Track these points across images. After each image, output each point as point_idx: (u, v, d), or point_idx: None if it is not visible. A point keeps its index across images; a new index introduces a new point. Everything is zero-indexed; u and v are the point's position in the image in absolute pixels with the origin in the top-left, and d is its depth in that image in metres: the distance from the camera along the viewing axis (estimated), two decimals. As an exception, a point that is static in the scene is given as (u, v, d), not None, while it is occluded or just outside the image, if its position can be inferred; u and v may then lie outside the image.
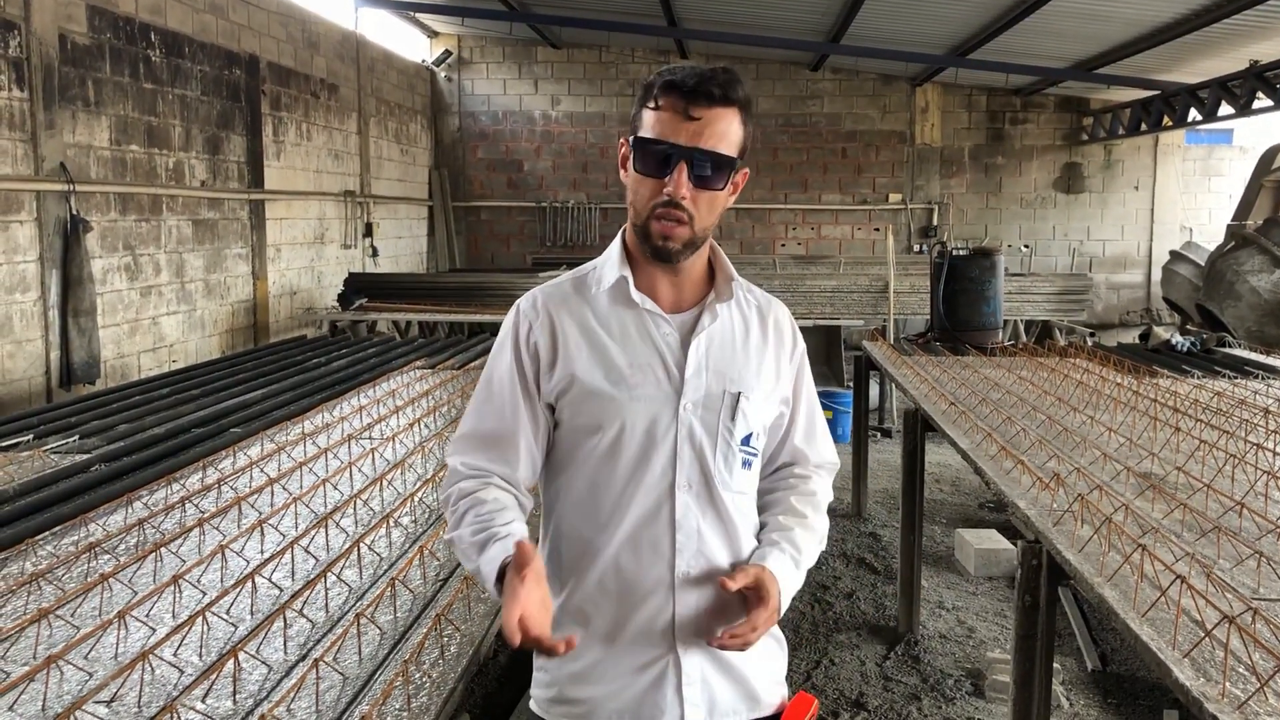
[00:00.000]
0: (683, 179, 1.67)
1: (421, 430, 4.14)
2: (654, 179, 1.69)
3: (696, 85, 1.66)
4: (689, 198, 1.68)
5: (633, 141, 1.71)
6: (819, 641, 5.13)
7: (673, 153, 1.67)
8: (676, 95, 1.67)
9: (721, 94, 1.67)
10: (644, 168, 1.70)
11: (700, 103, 1.66)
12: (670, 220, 1.69)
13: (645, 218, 1.72)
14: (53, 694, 1.86)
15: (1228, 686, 1.84)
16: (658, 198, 1.69)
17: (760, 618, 1.67)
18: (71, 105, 7.43)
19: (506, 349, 1.82)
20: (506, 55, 16.02)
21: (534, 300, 1.84)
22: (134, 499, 3.17)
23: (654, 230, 1.71)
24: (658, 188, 1.69)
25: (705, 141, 1.67)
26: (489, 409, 1.81)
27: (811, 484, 1.92)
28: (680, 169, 1.67)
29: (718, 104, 1.67)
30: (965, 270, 6.70)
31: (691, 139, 1.66)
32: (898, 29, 12.48)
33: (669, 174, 1.67)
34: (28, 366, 7.01)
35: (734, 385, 1.78)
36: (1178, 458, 3.54)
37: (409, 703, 1.83)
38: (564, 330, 1.78)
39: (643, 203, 1.72)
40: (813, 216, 16.10)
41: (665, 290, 1.81)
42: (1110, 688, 4.62)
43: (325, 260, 11.90)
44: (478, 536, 1.67)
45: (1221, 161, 15.91)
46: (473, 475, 1.78)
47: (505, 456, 1.79)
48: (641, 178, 1.71)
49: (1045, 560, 2.81)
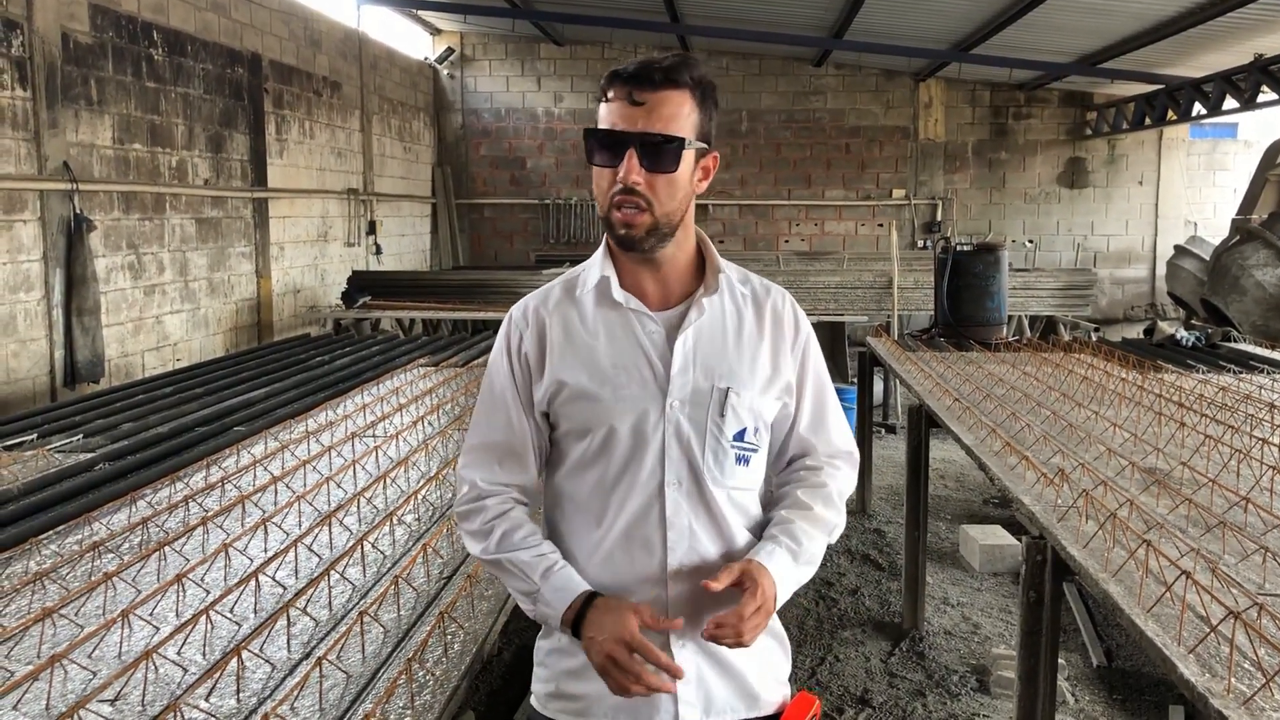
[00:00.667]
0: (633, 164, 1.66)
1: (425, 428, 4.14)
2: (608, 169, 1.70)
3: (637, 70, 1.67)
4: (643, 182, 1.67)
5: (585, 135, 1.72)
6: (823, 638, 5.12)
7: (619, 138, 1.67)
8: (620, 83, 1.68)
9: (664, 76, 1.67)
10: (596, 158, 1.71)
11: (644, 87, 1.67)
12: (629, 208, 1.69)
13: (607, 208, 1.72)
14: (57, 693, 1.86)
15: (1233, 682, 1.83)
16: (614, 187, 1.69)
17: (749, 608, 1.64)
18: (74, 104, 7.43)
19: (503, 360, 1.83)
20: (509, 52, 16.01)
21: (524, 309, 1.84)
22: (138, 498, 3.18)
23: (615, 220, 1.71)
24: (612, 177, 1.69)
25: (651, 125, 1.66)
26: (496, 420, 1.82)
27: (821, 476, 1.88)
28: (629, 155, 1.66)
29: (662, 87, 1.67)
30: (969, 266, 6.69)
31: (636, 123, 1.67)
32: (900, 24, 12.46)
33: (620, 162, 1.68)
34: (32, 366, 7.02)
35: (723, 380, 1.77)
36: (1183, 453, 3.53)
37: (413, 701, 1.83)
38: (551, 336, 1.79)
39: (602, 194, 1.72)
40: (816, 212, 16.09)
41: (651, 287, 1.80)
42: (1116, 683, 4.62)
43: (329, 258, 11.91)
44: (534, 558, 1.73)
45: (1226, 155, 15.88)
46: (494, 493, 1.79)
47: (517, 466, 1.81)
48: (598, 170, 1.71)
49: (1050, 556, 2.80)
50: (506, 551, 1.74)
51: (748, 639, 1.66)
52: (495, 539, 1.75)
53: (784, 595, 1.74)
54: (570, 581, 1.70)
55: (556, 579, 1.70)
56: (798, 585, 1.78)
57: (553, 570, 1.71)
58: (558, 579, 1.70)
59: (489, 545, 1.75)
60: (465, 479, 1.82)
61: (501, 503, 1.78)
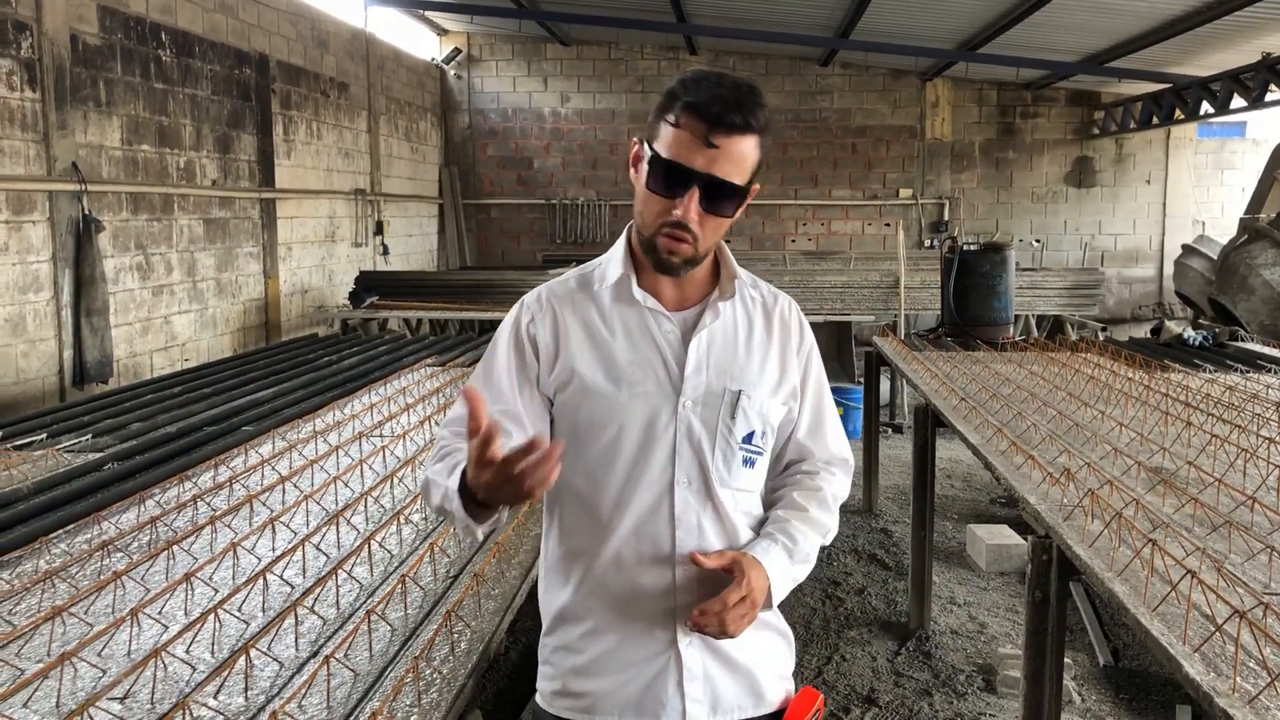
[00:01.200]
0: (693, 204, 1.66)
1: (432, 427, 4.15)
2: (665, 199, 1.68)
3: (720, 114, 1.63)
4: (697, 221, 1.67)
5: (650, 159, 1.69)
6: (830, 637, 5.13)
7: (689, 178, 1.65)
8: (698, 119, 1.64)
9: (743, 121, 1.64)
10: (656, 187, 1.68)
11: (720, 131, 1.64)
12: (675, 239, 1.69)
13: (652, 233, 1.72)
14: (67, 691, 1.87)
15: (1239, 681, 1.83)
16: (666, 216, 1.68)
17: (733, 597, 1.65)
18: (83, 105, 7.46)
19: (504, 339, 1.83)
20: (516, 52, 16.03)
21: (538, 295, 1.85)
22: (146, 497, 3.19)
23: (660, 245, 1.71)
24: (667, 207, 1.68)
25: (720, 169, 1.65)
26: (485, 384, 1.79)
27: (818, 480, 1.90)
28: (692, 194, 1.65)
29: (736, 131, 1.65)
30: (976, 265, 6.69)
31: (707, 165, 1.64)
32: (907, 23, 12.45)
33: (680, 196, 1.66)
34: (41, 366, 7.05)
35: (735, 383, 1.79)
36: (1189, 452, 3.52)
37: (419, 699, 1.84)
38: (566, 326, 1.79)
39: (651, 218, 1.71)
40: (823, 212, 16.08)
41: (668, 288, 1.81)
42: (1122, 683, 4.61)
43: (336, 258, 11.93)
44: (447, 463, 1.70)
45: (1234, 154, 15.84)
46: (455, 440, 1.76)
47: None
48: (651, 194, 1.70)
49: (1056, 555, 2.81)
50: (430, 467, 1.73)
51: (732, 629, 1.65)
52: (429, 462, 1.75)
53: (781, 591, 1.75)
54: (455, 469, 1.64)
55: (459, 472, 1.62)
56: (794, 583, 1.80)
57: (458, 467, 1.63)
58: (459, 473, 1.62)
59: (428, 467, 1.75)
60: (436, 435, 1.80)
61: (457, 440, 1.73)
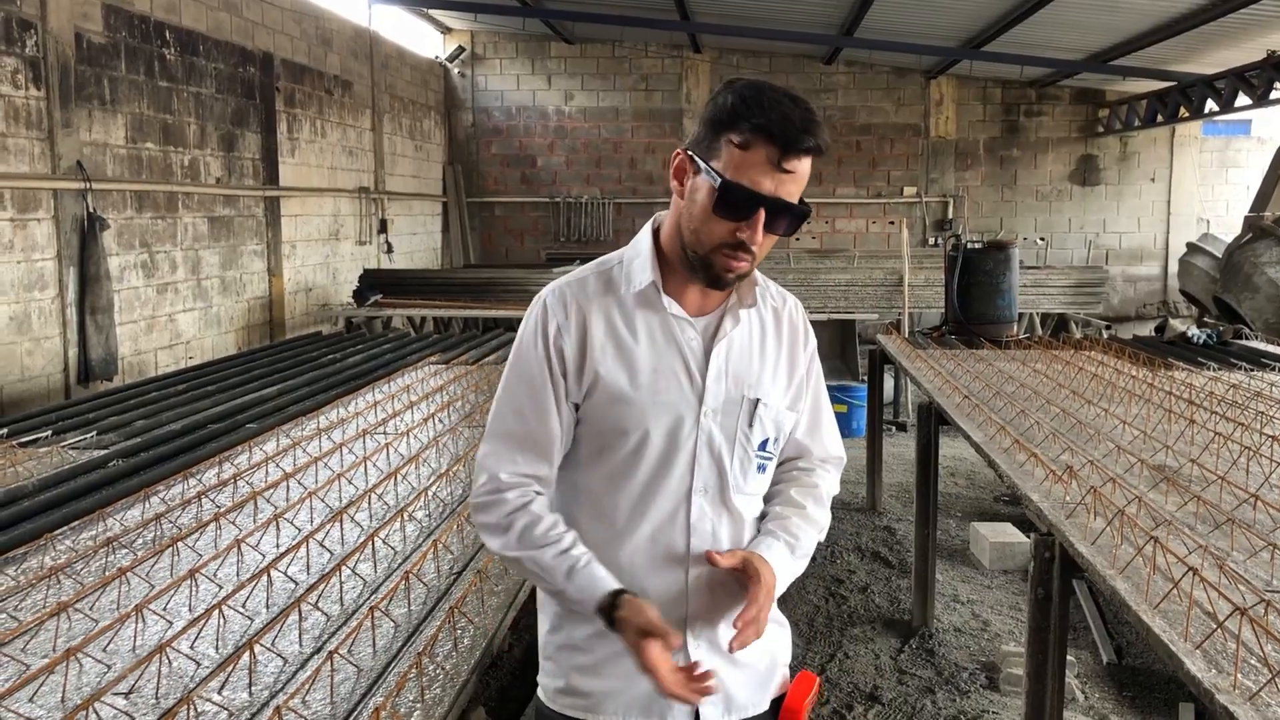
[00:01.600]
0: (759, 227, 1.64)
1: (436, 425, 4.16)
2: (729, 222, 1.65)
3: (794, 138, 1.61)
4: (759, 243, 1.67)
5: (716, 182, 1.63)
6: (833, 635, 5.13)
7: (758, 203, 1.63)
8: (770, 143, 1.61)
9: (814, 145, 1.63)
10: (723, 211, 1.64)
11: (793, 156, 1.62)
12: (735, 259, 1.68)
13: (709, 251, 1.68)
14: (72, 686, 1.88)
15: (1239, 678, 1.83)
16: (728, 239, 1.66)
17: (759, 594, 1.67)
18: (88, 104, 7.47)
19: (537, 347, 1.76)
20: (520, 51, 16.03)
21: (561, 297, 1.78)
22: (151, 494, 3.20)
23: (716, 263, 1.68)
24: (731, 230, 1.65)
25: (786, 192, 1.64)
26: (524, 411, 1.77)
27: (814, 477, 1.92)
28: (758, 218, 1.64)
29: (808, 155, 1.64)
30: (980, 263, 6.69)
31: (775, 189, 1.63)
32: (911, 22, 12.44)
33: (747, 220, 1.64)
34: (46, 363, 7.07)
35: (752, 391, 1.80)
36: (1192, 450, 3.53)
37: (423, 694, 1.85)
38: (591, 332, 1.75)
39: (710, 240, 1.67)
40: (827, 210, 16.07)
41: (693, 294, 1.79)
42: (1125, 681, 4.61)
43: (340, 257, 11.95)
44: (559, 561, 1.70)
45: (1239, 153, 15.80)
46: (514, 485, 1.75)
47: (540, 458, 1.77)
48: (715, 217, 1.66)
49: (1058, 553, 2.81)
50: (528, 549, 1.70)
51: (764, 629, 1.69)
52: (515, 535, 1.71)
53: (781, 587, 1.76)
54: (593, 583, 1.67)
55: (580, 579, 1.67)
56: (793, 578, 1.82)
57: (576, 570, 1.68)
58: (581, 579, 1.67)
59: (509, 541, 1.72)
60: (485, 469, 1.77)
61: (521, 495, 1.74)
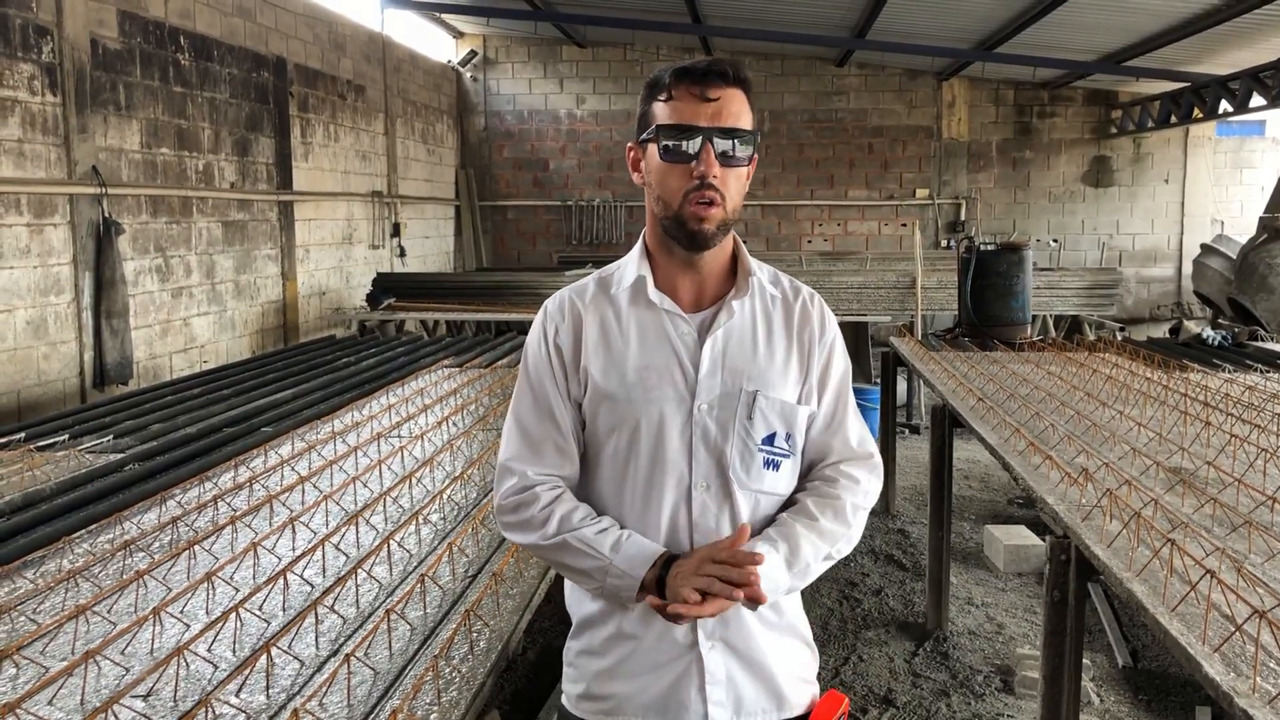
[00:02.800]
0: (712, 158, 1.69)
1: (450, 428, 4.17)
2: (681, 164, 1.71)
3: (709, 67, 1.71)
4: (719, 176, 1.70)
5: (655, 130, 1.73)
6: (847, 638, 5.12)
7: (698, 133, 1.69)
8: (691, 80, 1.71)
9: (734, 74, 1.72)
10: (670, 155, 1.72)
11: (715, 83, 1.70)
12: (704, 201, 1.71)
13: (678, 205, 1.72)
14: (91, 688, 1.89)
15: (1259, 681, 1.82)
16: (688, 182, 1.70)
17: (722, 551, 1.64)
18: (103, 109, 7.52)
19: (540, 352, 1.83)
20: (531, 54, 16.06)
21: (560, 301, 1.85)
22: (167, 497, 3.21)
23: (688, 215, 1.72)
24: (687, 172, 1.71)
25: (726, 120, 1.70)
26: (540, 411, 1.81)
27: (838, 487, 1.82)
28: (708, 149, 1.69)
29: (730, 84, 1.72)
30: (993, 265, 6.66)
31: (713, 119, 1.70)
32: (923, 23, 12.42)
33: (697, 156, 1.69)
34: (62, 368, 7.11)
35: (751, 384, 1.77)
36: (1208, 452, 3.51)
37: (439, 697, 1.85)
38: (586, 332, 1.79)
39: (673, 191, 1.72)
40: (839, 212, 16.05)
41: (685, 288, 1.81)
42: (1141, 684, 4.59)
43: (353, 260, 11.99)
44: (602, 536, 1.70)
45: (1253, 153, 15.72)
46: (543, 482, 1.78)
47: (562, 457, 1.80)
48: (669, 166, 1.72)
49: (1074, 555, 2.80)
50: (569, 531, 1.72)
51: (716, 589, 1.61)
52: (555, 523, 1.73)
53: (769, 593, 1.66)
54: (643, 548, 1.69)
55: (628, 548, 1.69)
56: (785, 591, 1.74)
57: (622, 541, 1.70)
58: (629, 547, 1.69)
59: (549, 530, 1.73)
60: (513, 470, 1.79)
61: (552, 489, 1.77)
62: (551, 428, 1.80)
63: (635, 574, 1.67)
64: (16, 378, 6.70)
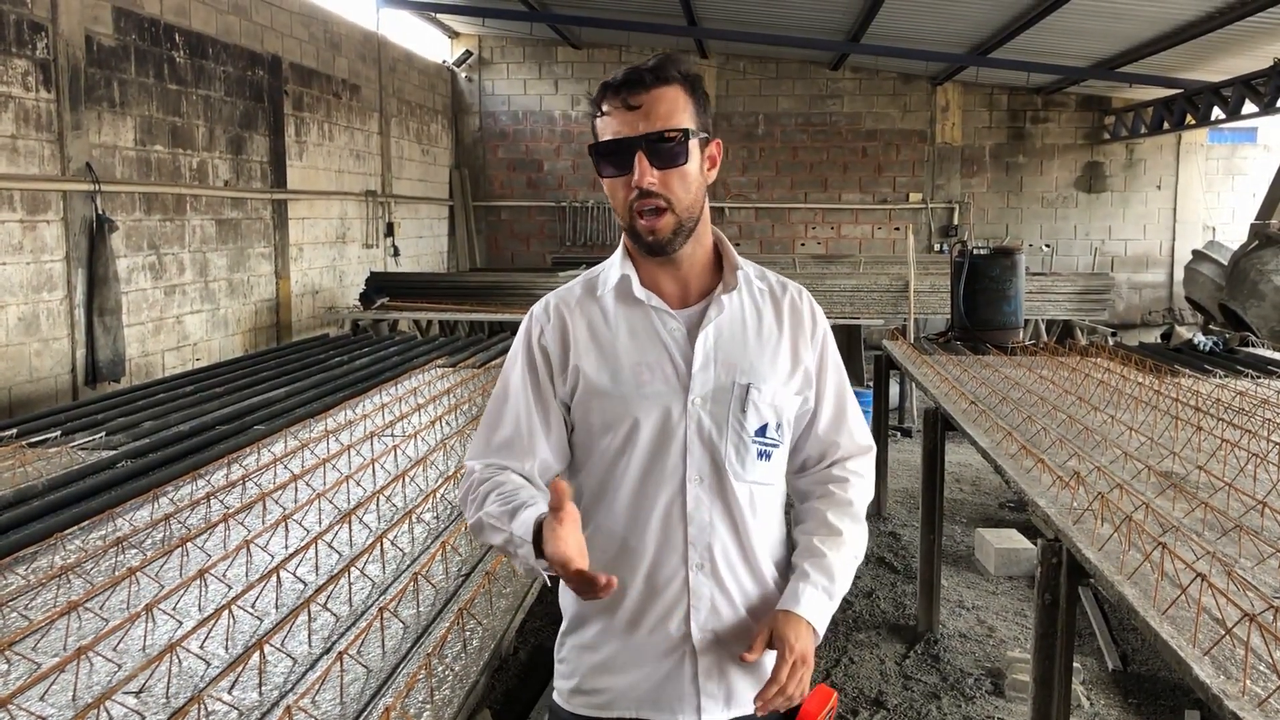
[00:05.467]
0: (644, 166, 1.69)
1: (443, 427, 4.17)
2: (620, 177, 1.72)
3: (626, 76, 1.71)
4: (658, 182, 1.69)
5: (591, 150, 1.75)
6: (838, 640, 5.13)
7: (625, 144, 1.69)
8: (612, 93, 1.71)
9: (653, 76, 1.70)
10: (606, 170, 1.73)
11: (636, 90, 1.69)
12: (650, 212, 1.71)
13: (630, 218, 1.74)
14: (83, 684, 1.89)
15: (1248, 684, 1.83)
16: (630, 194, 1.71)
17: (784, 672, 1.66)
18: (97, 106, 7.50)
19: (520, 356, 1.84)
20: (527, 55, 16.06)
21: (545, 305, 1.86)
22: (160, 495, 3.21)
23: (640, 228, 1.73)
24: (627, 184, 1.71)
25: (653, 125, 1.69)
26: (505, 416, 1.83)
27: (850, 490, 1.87)
28: (639, 158, 1.69)
29: (654, 85, 1.70)
30: (986, 269, 6.68)
31: (639, 126, 1.69)
32: (918, 28, 12.45)
33: (631, 167, 1.70)
34: (54, 364, 7.09)
35: (744, 376, 1.78)
36: (1199, 457, 3.52)
37: (432, 695, 1.86)
38: (574, 332, 1.80)
39: (621, 205, 1.74)
40: (832, 216, 16.08)
41: (670, 286, 1.82)
42: (1131, 688, 4.61)
43: (347, 259, 11.97)
44: (506, 507, 1.68)
45: (1245, 160, 15.79)
46: (490, 471, 1.80)
47: (522, 458, 1.81)
48: (611, 181, 1.74)
49: (1065, 558, 2.81)
50: (485, 507, 1.72)
51: (796, 695, 1.69)
52: (479, 501, 1.74)
53: (821, 631, 1.75)
54: (532, 515, 1.64)
55: (522, 516, 1.64)
56: (828, 619, 1.78)
57: (519, 511, 1.65)
58: (523, 515, 1.64)
59: (472, 512, 1.75)
60: (468, 466, 1.83)
61: (488, 471, 1.78)
62: (513, 431, 1.81)
63: (528, 538, 1.62)
64: (8, 374, 6.68)
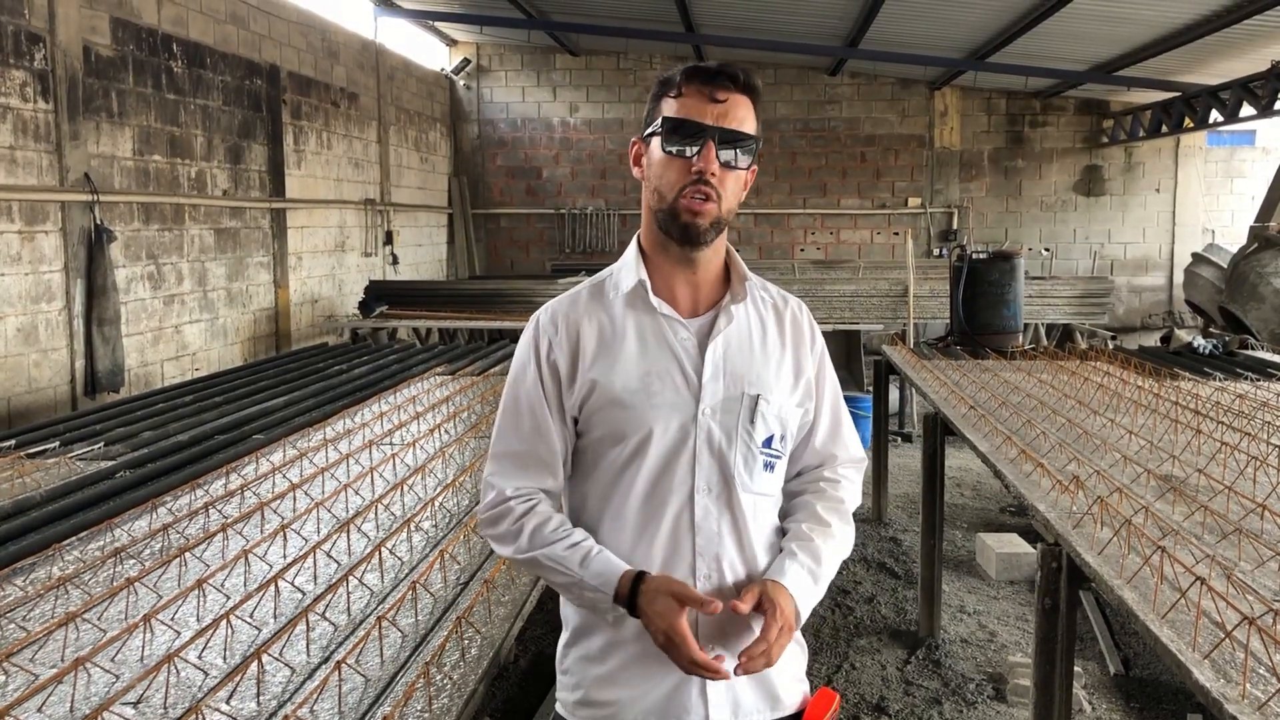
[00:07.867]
0: (712, 154, 1.71)
1: (442, 436, 4.17)
2: (682, 159, 1.73)
3: (720, 69, 1.74)
4: (717, 175, 1.72)
5: (661, 123, 1.75)
6: (840, 646, 5.12)
7: (702, 131, 1.72)
8: (701, 80, 1.73)
9: (743, 80, 1.75)
10: (673, 147, 1.74)
11: (724, 85, 1.73)
12: (699, 196, 1.73)
13: (674, 198, 1.74)
14: (80, 695, 1.89)
15: (1248, 688, 1.83)
16: (686, 177, 1.73)
17: (773, 632, 1.67)
18: (95, 116, 7.51)
19: (530, 367, 1.83)
20: (525, 63, 16.08)
21: (551, 314, 1.84)
22: (158, 505, 3.20)
23: (682, 207, 1.74)
24: (686, 167, 1.73)
25: (730, 123, 1.73)
26: (523, 429, 1.82)
27: (841, 490, 1.92)
28: (709, 146, 1.71)
29: (738, 89, 1.74)
30: (985, 274, 6.67)
31: (718, 119, 1.72)
32: (916, 33, 12.46)
33: (698, 152, 1.72)
34: (53, 375, 7.09)
35: (752, 388, 1.79)
36: (1199, 460, 3.52)
37: (430, 704, 1.85)
38: (583, 342, 1.79)
39: (670, 184, 1.74)
40: (831, 221, 16.08)
41: (683, 293, 1.82)
42: (1133, 692, 4.60)
43: (346, 268, 11.97)
44: (571, 552, 1.72)
45: (1244, 163, 15.80)
46: (520, 497, 1.79)
47: (544, 473, 1.81)
48: (669, 159, 1.74)
49: (1065, 563, 2.80)
50: (540, 548, 1.74)
51: (776, 658, 1.69)
52: (526, 536, 1.75)
53: (805, 613, 1.76)
54: (609, 566, 1.70)
55: (595, 565, 1.70)
56: (815, 603, 1.80)
57: (590, 558, 1.71)
58: (596, 564, 1.70)
59: (521, 544, 1.76)
60: (491, 485, 1.82)
61: (525, 501, 1.78)
62: (535, 444, 1.81)
63: (606, 589, 1.69)
64: (7, 385, 6.68)
